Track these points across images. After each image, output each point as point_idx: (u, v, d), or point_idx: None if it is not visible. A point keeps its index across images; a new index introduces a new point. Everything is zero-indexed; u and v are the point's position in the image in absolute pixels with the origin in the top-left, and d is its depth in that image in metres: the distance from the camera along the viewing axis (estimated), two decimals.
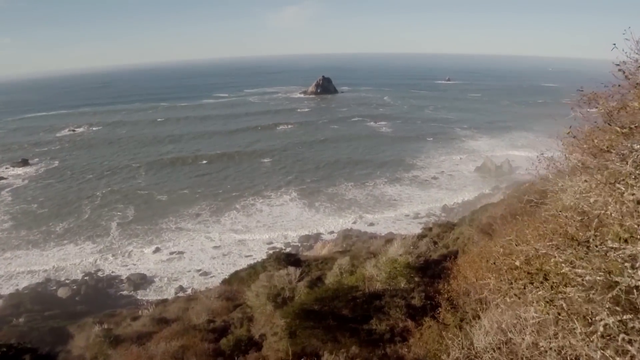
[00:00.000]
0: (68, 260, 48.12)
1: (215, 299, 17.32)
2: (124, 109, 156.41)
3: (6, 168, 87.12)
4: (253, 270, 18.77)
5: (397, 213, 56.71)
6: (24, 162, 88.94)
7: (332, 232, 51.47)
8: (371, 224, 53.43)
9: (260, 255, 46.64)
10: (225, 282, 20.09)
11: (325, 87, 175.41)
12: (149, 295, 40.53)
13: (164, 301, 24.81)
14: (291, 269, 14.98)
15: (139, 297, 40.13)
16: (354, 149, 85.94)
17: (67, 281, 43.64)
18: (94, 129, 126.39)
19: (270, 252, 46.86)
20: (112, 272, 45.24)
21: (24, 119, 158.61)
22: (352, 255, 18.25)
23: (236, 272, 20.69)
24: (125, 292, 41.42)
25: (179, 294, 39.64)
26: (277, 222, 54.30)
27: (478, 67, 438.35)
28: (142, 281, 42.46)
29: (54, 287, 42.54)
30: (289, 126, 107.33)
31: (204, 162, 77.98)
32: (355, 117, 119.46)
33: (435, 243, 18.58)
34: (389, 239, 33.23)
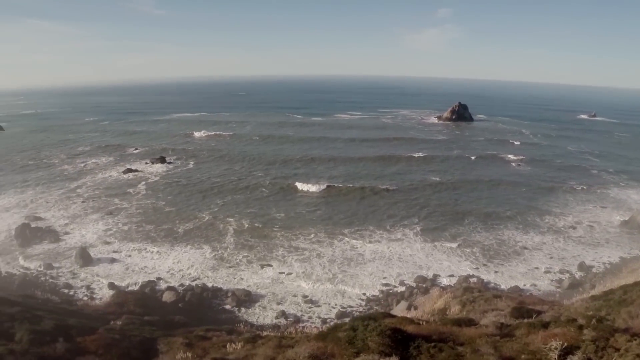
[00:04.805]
0: (181, 264, 48.33)
1: (305, 359, 14.42)
2: (261, 122, 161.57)
3: (145, 163, 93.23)
4: (353, 334, 15.40)
5: (525, 263, 49.67)
6: (162, 160, 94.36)
7: (451, 276, 46.30)
8: (495, 272, 47.46)
9: (372, 290, 43.16)
10: (320, 337, 16.96)
11: (461, 114, 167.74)
12: (249, 315, 38.60)
13: (256, 336, 22.35)
14: None
15: (239, 315, 38.37)
16: (485, 186, 79.06)
17: (175, 285, 43.39)
18: (229, 133, 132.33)
19: (384, 288, 43.53)
20: (220, 283, 44.23)
21: (170, 120, 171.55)
22: None
23: (335, 327, 17.53)
24: (227, 307, 39.96)
25: (279, 320, 37.50)
26: (394, 256, 50.15)
27: (628, 102, 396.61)
28: (246, 298, 40.80)
29: (162, 289, 42.52)
30: (421, 155, 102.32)
31: (325, 188, 75.69)
32: (490, 150, 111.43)
33: None
34: (518, 306, 28.12)
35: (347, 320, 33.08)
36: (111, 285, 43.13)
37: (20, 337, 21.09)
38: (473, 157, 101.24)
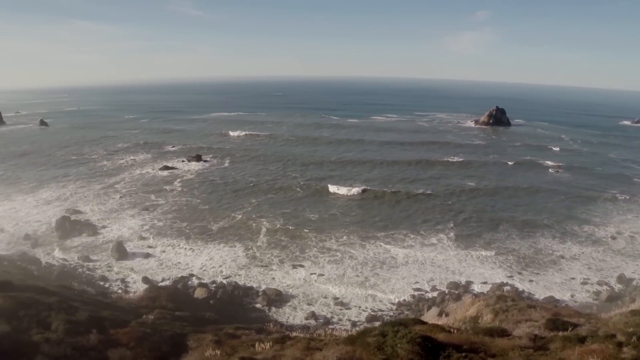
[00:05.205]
0: (214, 261, 48.82)
1: None
2: (297, 122, 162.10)
3: (182, 161, 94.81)
4: (382, 340, 15.13)
5: (561, 273, 48.00)
6: (198, 158, 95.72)
7: (484, 283, 45.30)
8: (530, 281, 46.11)
9: (403, 295, 42.59)
10: (349, 340, 16.75)
11: (498, 118, 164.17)
12: (279, 314, 38.62)
13: (285, 337, 22.30)
14: None
15: (269, 314, 38.44)
16: (522, 193, 76.91)
17: (207, 282, 43.86)
18: (265, 133, 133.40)
19: (416, 293, 42.92)
20: (251, 281, 44.48)
21: (207, 119, 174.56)
22: None
23: (364, 332, 17.28)
24: (258, 306, 40.10)
25: (309, 321, 37.44)
26: (427, 261, 49.35)
27: None
28: (276, 298, 40.88)
29: (194, 285, 43.03)
30: (457, 159, 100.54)
31: (360, 191, 74.46)
32: (528, 156, 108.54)
33: None
34: (553, 317, 27.13)
35: (377, 324, 32.79)
36: (145, 280, 43.90)
37: (57, 326, 21.56)
38: (510, 163, 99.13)
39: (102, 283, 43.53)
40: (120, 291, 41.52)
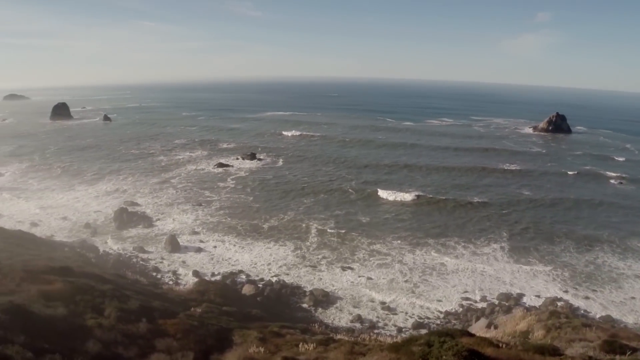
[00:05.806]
0: (263, 259, 49.30)
1: None
2: (352, 124, 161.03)
3: (236, 159, 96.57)
4: (427, 350, 14.66)
5: (621, 292, 45.15)
6: (252, 156, 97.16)
7: (537, 296, 43.59)
8: (586, 298, 43.87)
9: (451, 303, 41.52)
10: (393, 348, 16.35)
11: (558, 125, 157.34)
12: (325, 315, 38.45)
13: (329, 339, 22.14)
14: None
15: (315, 315, 38.37)
16: (582, 205, 73.24)
17: (255, 279, 44.34)
18: (319, 134, 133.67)
19: (464, 303, 41.79)
20: (299, 281, 44.60)
21: (262, 117, 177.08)
22: None
23: (409, 340, 16.80)
24: (305, 305, 40.11)
25: (354, 324, 37.12)
26: (478, 270, 47.90)
27: None
28: (323, 299, 40.76)
29: (242, 281, 43.62)
30: (514, 167, 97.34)
31: (414, 196, 72.91)
32: (589, 165, 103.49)
33: None
34: (609, 339, 25.53)
35: (423, 331, 32.15)
36: (195, 273, 44.85)
37: (109, 313, 22.22)
38: (570, 173, 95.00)
39: (154, 274, 44.78)
40: (171, 283, 42.57)
